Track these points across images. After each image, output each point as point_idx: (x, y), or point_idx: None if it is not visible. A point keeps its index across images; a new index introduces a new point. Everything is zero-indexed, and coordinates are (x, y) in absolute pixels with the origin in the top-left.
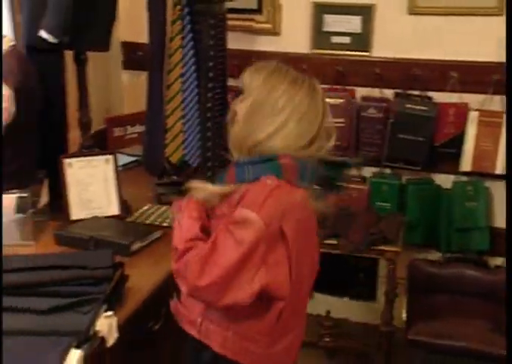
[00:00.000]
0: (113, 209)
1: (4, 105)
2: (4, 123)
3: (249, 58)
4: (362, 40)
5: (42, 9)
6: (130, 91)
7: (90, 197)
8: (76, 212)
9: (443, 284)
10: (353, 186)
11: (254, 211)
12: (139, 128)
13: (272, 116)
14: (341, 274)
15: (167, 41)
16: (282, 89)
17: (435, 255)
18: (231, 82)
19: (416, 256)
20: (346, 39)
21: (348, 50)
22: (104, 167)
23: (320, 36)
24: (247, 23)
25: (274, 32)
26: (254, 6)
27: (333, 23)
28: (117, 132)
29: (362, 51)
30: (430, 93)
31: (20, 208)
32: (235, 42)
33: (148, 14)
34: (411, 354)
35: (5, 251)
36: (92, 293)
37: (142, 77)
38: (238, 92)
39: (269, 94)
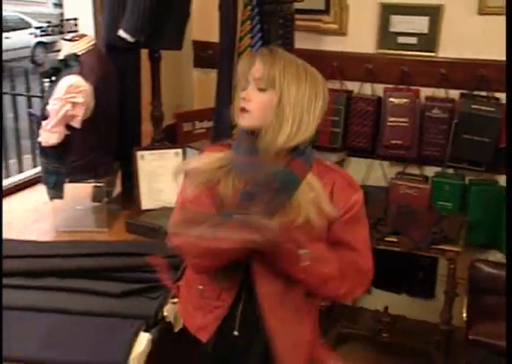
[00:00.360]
0: None
1: (84, 100)
2: (83, 117)
3: (315, 58)
4: (428, 40)
5: (121, 10)
6: (200, 88)
7: (160, 188)
8: (147, 202)
9: (505, 286)
10: (414, 185)
11: (357, 190)
12: (207, 124)
13: (313, 111)
14: (400, 271)
15: (237, 40)
16: (306, 79)
17: (496, 257)
18: None
19: (478, 257)
20: (412, 40)
21: (414, 50)
22: (173, 160)
23: (386, 36)
24: (314, 24)
25: (341, 32)
26: (322, 7)
27: (400, 23)
28: (186, 127)
29: (428, 52)
30: (498, 94)
31: (96, 197)
32: (302, 41)
33: (220, 14)
34: (470, 354)
35: (81, 236)
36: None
37: (212, 75)
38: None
39: (298, 89)
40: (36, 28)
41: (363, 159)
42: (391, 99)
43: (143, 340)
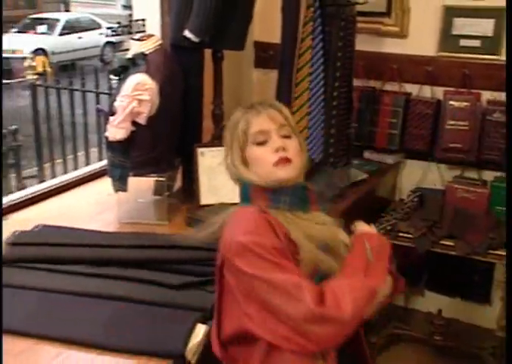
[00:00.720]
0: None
1: (150, 97)
2: (148, 114)
3: (375, 60)
4: (492, 43)
5: (188, 12)
6: (259, 87)
7: (218, 185)
8: (206, 198)
9: None
10: (472, 189)
11: None
12: None
13: None
14: (454, 274)
15: (298, 41)
16: None
17: None
18: (356, 82)
19: None
20: (475, 43)
21: (476, 53)
22: None
23: (448, 39)
24: (375, 26)
25: (401, 34)
26: (383, 9)
27: (463, 26)
28: None
29: (491, 55)
30: None
31: (157, 190)
32: (361, 43)
33: (282, 16)
34: None
35: (142, 228)
36: None
37: (271, 75)
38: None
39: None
40: (107, 28)
41: (419, 161)
42: (452, 102)
43: (200, 331)
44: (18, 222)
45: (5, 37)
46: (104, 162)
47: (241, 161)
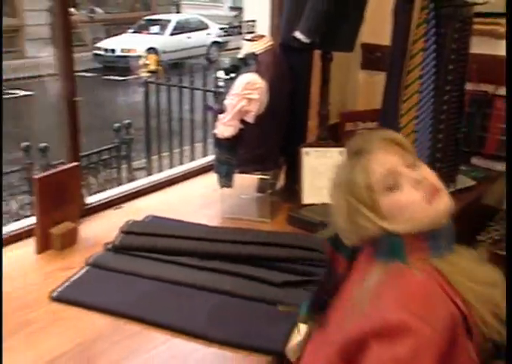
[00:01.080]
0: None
1: (259, 96)
2: (257, 113)
3: (489, 63)
4: None
5: (299, 13)
6: (365, 89)
7: (322, 185)
8: (308, 197)
9: None
10: None
11: None
12: (370, 125)
13: None
14: None
15: (410, 43)
16: None
17: None
18: (468, 86)
19: None
20: None
21: None
22: (337, 159)
23: None
24: (491, 27)
25: None
26: (501, 10)
27: None
28: (348, 126)
29: None
30: None
31: (261, 188)
32: (475, 46)
33: (393, 18)
34: None
35: (244, 224)
36: (319, 274)
37: (376, 77)
38: None
39: None
40: (220, 29)
41: None
42: None
43: (301, 330)
44: (131, 212)
45: (121, 37)
46: (209, 158)
47: (380, 218)
